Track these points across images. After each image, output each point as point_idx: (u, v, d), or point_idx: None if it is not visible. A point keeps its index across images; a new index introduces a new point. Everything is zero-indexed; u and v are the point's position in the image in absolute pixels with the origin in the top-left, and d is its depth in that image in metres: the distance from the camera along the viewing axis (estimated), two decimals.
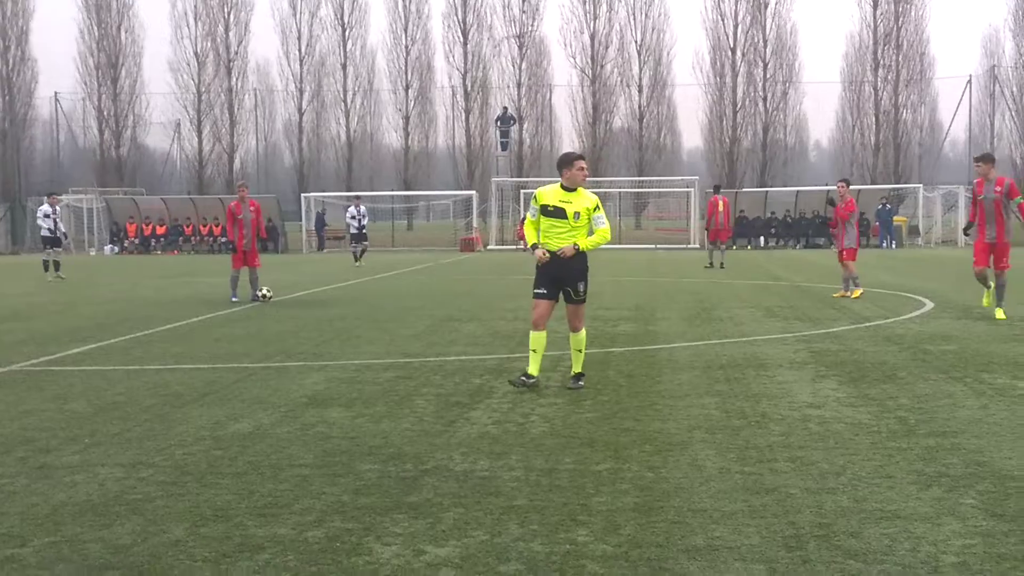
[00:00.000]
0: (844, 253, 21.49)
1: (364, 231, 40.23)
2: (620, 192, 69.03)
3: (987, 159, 16.76)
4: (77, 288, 28.23)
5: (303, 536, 5.95)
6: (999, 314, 16.45)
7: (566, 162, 10.86)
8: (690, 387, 10.73)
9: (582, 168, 10.79)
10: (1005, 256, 16.67)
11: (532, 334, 10.89)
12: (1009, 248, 16.81)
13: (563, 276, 10.79)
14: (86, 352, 14.31)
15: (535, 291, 10.90)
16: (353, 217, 40.27)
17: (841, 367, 11.87)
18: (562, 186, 10.85)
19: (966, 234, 17.19)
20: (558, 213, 10.71)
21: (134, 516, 6.41)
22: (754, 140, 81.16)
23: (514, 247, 54.38)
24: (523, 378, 10.78)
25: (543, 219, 10.82)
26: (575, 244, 10.67)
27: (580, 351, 10.99)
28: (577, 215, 10.66)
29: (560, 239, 10.72)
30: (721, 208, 34.45)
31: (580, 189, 10.84)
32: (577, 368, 11.02)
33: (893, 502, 6.38)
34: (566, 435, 8.53)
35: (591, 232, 10.82)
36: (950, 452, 7.66)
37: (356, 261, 39.17)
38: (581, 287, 10.85)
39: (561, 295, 10.89)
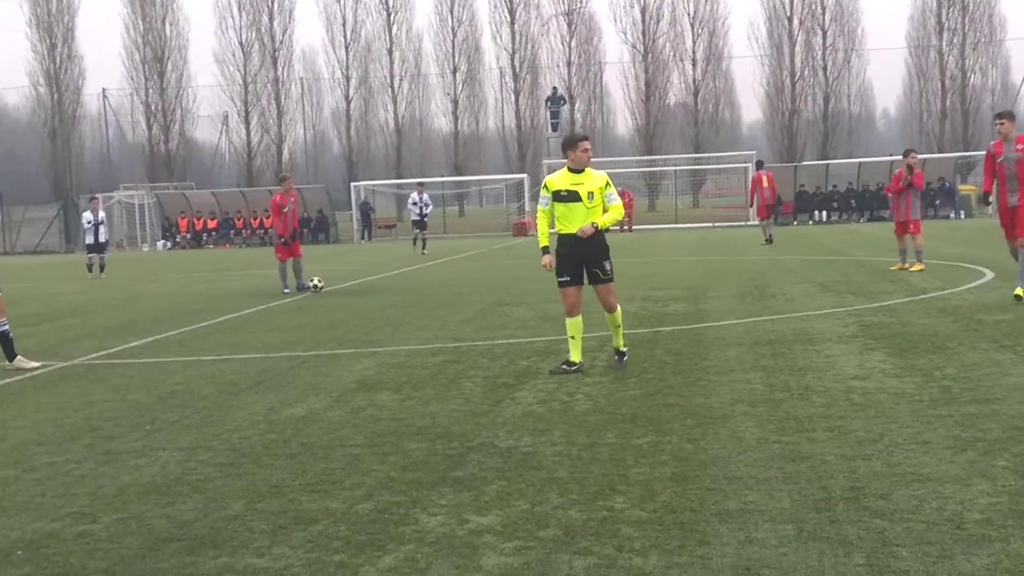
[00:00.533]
0: (911, 226, 21.35)
1: (425, 219, 39.64)
2: (676, 170, 68.57)
3: (1009, 116, 15.26)
4: (132, 284, 28.81)
5: (354, 509, 6.23)
6: (1020, 291, 14.66)
7: (570, 144, 10.92)
8: (736, 363, 10.88)
9: (586, 149, 10.85)
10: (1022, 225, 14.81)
11: (568, 321, 10.95)
12: None
13: (586, 257, 10.84)
14: (144, 345, 14.71)
15: (559, 280, 10.93)
16: (415, 204, 39.73)
17: (890, 339, 11.93)
18: (569, 169, 10.91)
19: (987, 204, 15.34)
20: (572, 197, 10.76)
21: (195, 494, 6.73)
22: (815, 111, 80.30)
23: None
24: (564, 366, 10.84)
25: (556, 206, 10.85)
26: (593, 222, 10.74)
27: (618, 326, 11.08)
28: (591, 195, 10.75)
29: (578, 222, 10.77)
30: (766, 184, 34.34)
31: (588, 169, 10.92)
32: (618, 343, 11.12)
33: (926, 466, 6.53)
34: (609, 412, 8.74)
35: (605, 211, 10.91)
36: (989, 418, 7.78)
37: (422, 251, 38.19)
38: (607, 266, 10.91)
39: (587, 278, 10.94)
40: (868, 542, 5.21)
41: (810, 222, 53.56)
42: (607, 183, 10.91)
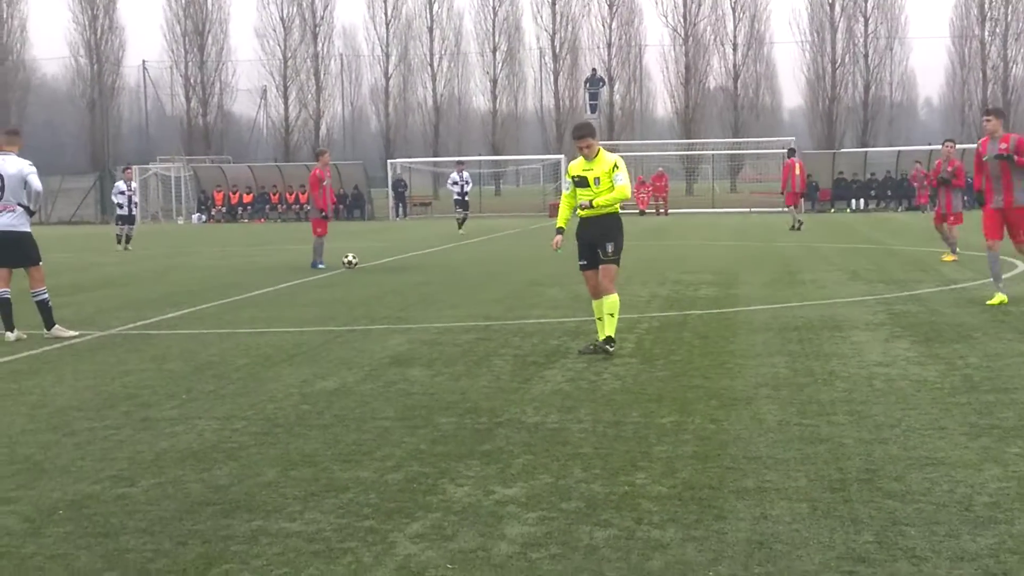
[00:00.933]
0: (951, 217, 21.22)
1: (466, 198, 39.22)
2: (714, 154, 68.34)
3: (997, 113, 14.55)
4: (168, 256, 29.20)
5: (383, 479, 6.45)
6: (997, 298, 13.91)
7: (573, 137, 11.23)
8: (763, 347, 11.03)
9: (580, 148, 11.03)
10: (1023, 229, 14.01)
11: (594, 303, 11.20)
12: None
13: (594, 237, 11.02)
14: (180, 317, 14.99)
15: (579, 264, 11.21)
16: (455, 183, 39.37)
17: (917, 328, 12.04)
18: (584, 156, 11.13)
19: (980, 204, 14.32)
20: (583, 182, 10.98)
21: (230, 461, 6.97)
22: (855, 97, 79.88)
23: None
24: (591, 346, 10.98)
25: (576, 190, 11.06)
26: (588, 200, 10.90)
27: (612, 315, 10.93)
28: (597, 180, 10.89)
29: None
30: (797, 172, 34.33)
31: (601, 154, 11.07)
32: (606, 332, 10.92)
33: (941, 451, 6.70)
34: (635, 391, 8.92)
35: None
36: (1007, 406, 7.92)
37: (459, 229, 37.72)
38: (610, 247, 10.97)
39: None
40: (878, 521, 5.39)
41: (847, 210, 53.27)
42: (615, 165, 10.99)
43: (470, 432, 7.62)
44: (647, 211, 52.62)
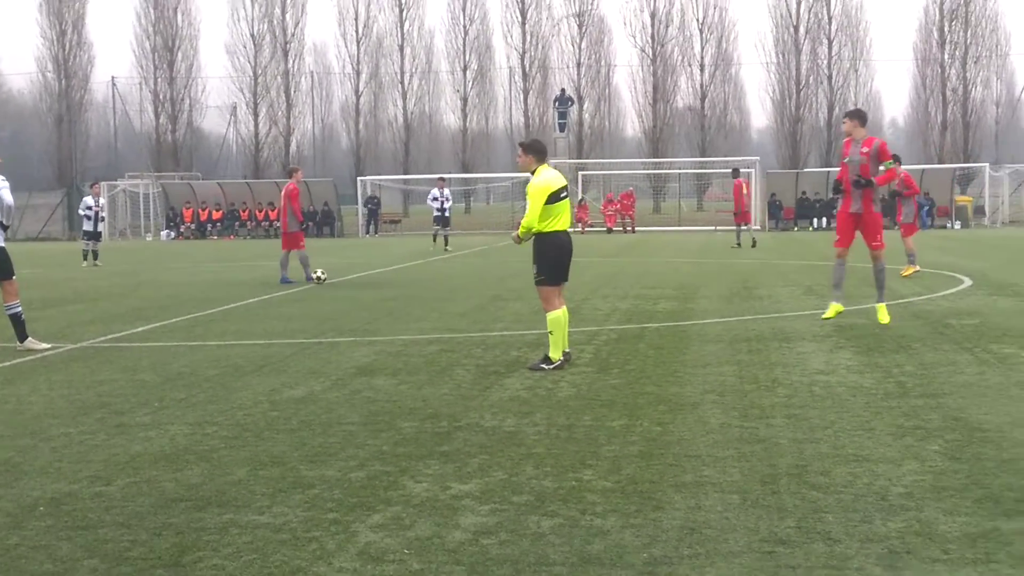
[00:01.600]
0: (903, 229, 22.03)
1: (447, 215, 38.76)
2: (680, 173, 69.07)
3: (855, 115, 14.38)
4: (137, 273, 29.47)
5: (347, 476, 6.88)
6: (883, 315, 14.02)
7: None
8: (713, 357, 11.51)
9: (519, 156, 11.32)
10: (878, 233, 14.03)
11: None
12: (881, 223, 14.22)
13: None
14: (150, 330, 15.34)
15: None
16: (435, 199, 38.88)
17: (860, 340, 12.56)
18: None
19: (837, 192, 14.24)
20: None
21: (202, 462, 7.38)
22: (819, 118, 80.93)
23: (578, 229, 54.82)
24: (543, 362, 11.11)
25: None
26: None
27: (550, 332, 11.10)
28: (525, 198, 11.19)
29: None
30: (745, 191, 35.19)
31: (537, 172, 11.17)
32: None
33: (866, 448, 7.21)
34: (589, 398, 9.38)
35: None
36: (933, 410, 8.44)
37: (444, 247, 37.37)
38: (534, 270, 11.27)
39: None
40: (802, 509, 5.89)
41: (810, 228, 54.16)
42: (529, 189, 11.12)
43: (430, 435, 8.05)
44: (615, 229, 53.26)
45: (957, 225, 52.71)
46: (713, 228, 55.66)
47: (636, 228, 54.06)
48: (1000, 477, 6.46)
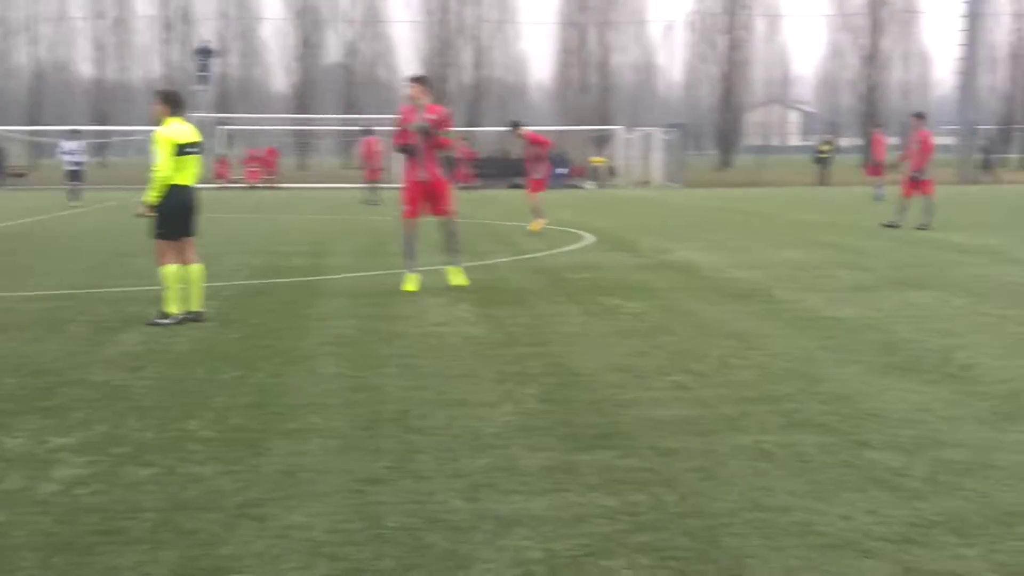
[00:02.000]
0: (531, 186, 23.23)
1: (81, 169, 36.61)
2: (327, 130, 68.79)
3: (420, 80, 13.82)
4: None
5: None
6: (457, 277, 13.78)
7: None
8: (338, 311, 11.67)
9: (152, 103, 11.12)
10: (447, 199, 13.85)
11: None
12: (449, 189, 14.07)
13: None
14: None
15: None
16: (69, 152, 36.70)
17: (480, 293, 13.02)
18: None
19: (405, 152, 13.57)
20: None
21: None
22: (465, 79, 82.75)
23: (218, 185, 53.61)
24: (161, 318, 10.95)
25: None
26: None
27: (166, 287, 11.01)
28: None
29: None
30: (379, 148, 35.96)
31: (167, 123, 10.92)
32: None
33: (469, 393, 7.57)
34: (205, 351, 9.32)
35: None
36: (537, 357, 8.92)
37: (74, 201, 35.16)
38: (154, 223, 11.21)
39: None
40: (398, 451, 6.15)
41: (457, 187, 54.99)
42: (155, 138, 10.84)
43: (31, 391, 7.79)
44: (257, 185, 52.51)
45: (591, 185, 55.16)
46: (362, 186, 55.63)
47: (280, 185, 53.50)
48: (585, 416, 6.94)
